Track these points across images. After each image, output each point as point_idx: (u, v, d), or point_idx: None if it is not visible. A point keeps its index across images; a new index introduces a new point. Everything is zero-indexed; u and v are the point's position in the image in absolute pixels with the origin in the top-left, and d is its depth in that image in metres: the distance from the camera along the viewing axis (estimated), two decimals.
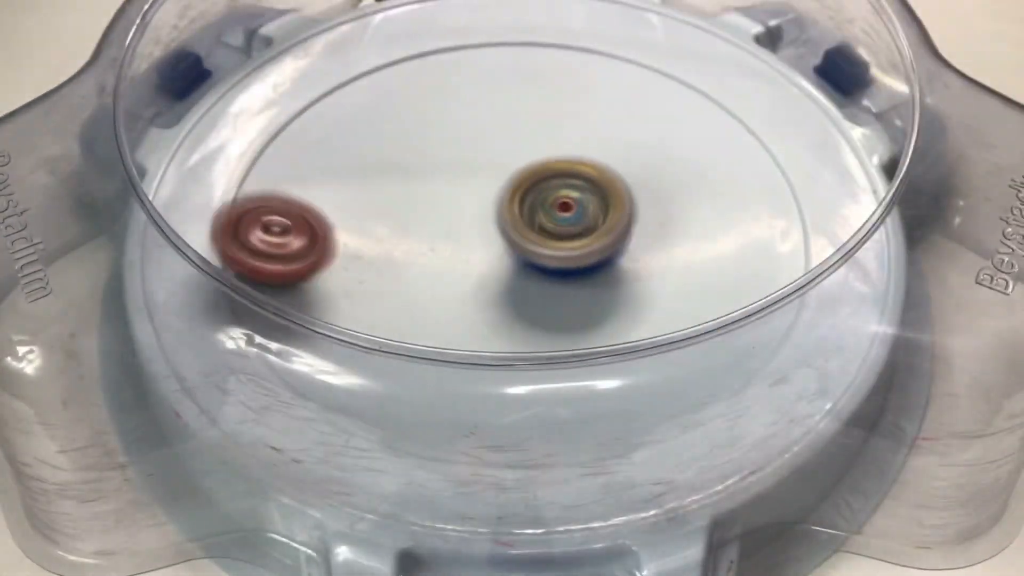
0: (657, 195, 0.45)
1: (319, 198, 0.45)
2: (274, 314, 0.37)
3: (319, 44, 0.50)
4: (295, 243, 0.40)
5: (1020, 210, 0.41)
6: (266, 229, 0.40)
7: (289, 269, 0.40)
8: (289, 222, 0.40)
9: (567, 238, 0.41)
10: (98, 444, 0.41)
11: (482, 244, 0.43)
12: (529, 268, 0.42)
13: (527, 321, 0.42)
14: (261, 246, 0.40)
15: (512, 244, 0.42)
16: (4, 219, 0.41)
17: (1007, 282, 0.40)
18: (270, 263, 0.40)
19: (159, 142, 0.46)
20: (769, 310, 0.37)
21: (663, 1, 0.53)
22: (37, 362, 0.39)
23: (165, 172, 0.46)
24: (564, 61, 0.50)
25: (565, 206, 0.42)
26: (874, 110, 0.48)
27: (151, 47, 0.47)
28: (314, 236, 0.40)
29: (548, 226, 0.42)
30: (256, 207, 0.41)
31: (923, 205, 0.43)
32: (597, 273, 0.42)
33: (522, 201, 0.42)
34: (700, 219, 0.44)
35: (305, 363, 0.39)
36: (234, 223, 0.40)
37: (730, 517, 0.39)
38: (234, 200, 0.43)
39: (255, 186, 0.45)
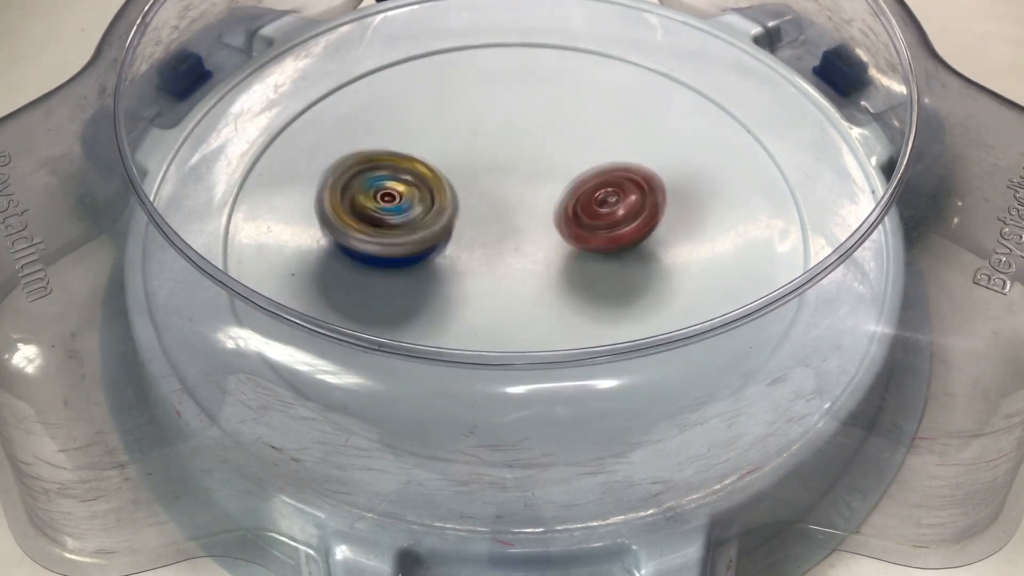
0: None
1: None
2: (274, 314, 0.37)
3: (319, 45, 0.50)
4: (626, 206, 0.42)
5: (1018, 210, 0.42)
6: (600, 203, 0.42)
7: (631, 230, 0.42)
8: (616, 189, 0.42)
9: (389, 228, 0.41)
10: (99, 443, 0.41)
11: (482, 243, 0.43)
12: (345, 254, 0.42)
13: (527, 319, 0.42)
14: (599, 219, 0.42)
15: (331, 229, 0.42)
16: (5, 219, 0.41)
17: (1004, 282, 0.40)
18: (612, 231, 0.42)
19: (160, 142, 0.46)
20: (767, 309, 0.37)
21: (662, 2, 0.53)
22: (38, 361, 0.39)
23: (166, 172, 0.46)
24: (564, 62, 0.50)
25: (388, 196, 0.42)
26: (872, 110, 0.48)
27: (152, 47, 0.47)
28: (642, 191, 0.42)
29: (370, 213, 0.42)
30: (585, 186, 0.43)
31: (921, 205, 0.43)
32: (415, 264, 0.43)
33: (344, 188, 0.42)
34: (699, 219, 0.44)
35: (305, 363, 0.40)
36: (572, 210, 0.42)
37: (729, 516, 0.39)
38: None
39: (255, 186, 0.45)
